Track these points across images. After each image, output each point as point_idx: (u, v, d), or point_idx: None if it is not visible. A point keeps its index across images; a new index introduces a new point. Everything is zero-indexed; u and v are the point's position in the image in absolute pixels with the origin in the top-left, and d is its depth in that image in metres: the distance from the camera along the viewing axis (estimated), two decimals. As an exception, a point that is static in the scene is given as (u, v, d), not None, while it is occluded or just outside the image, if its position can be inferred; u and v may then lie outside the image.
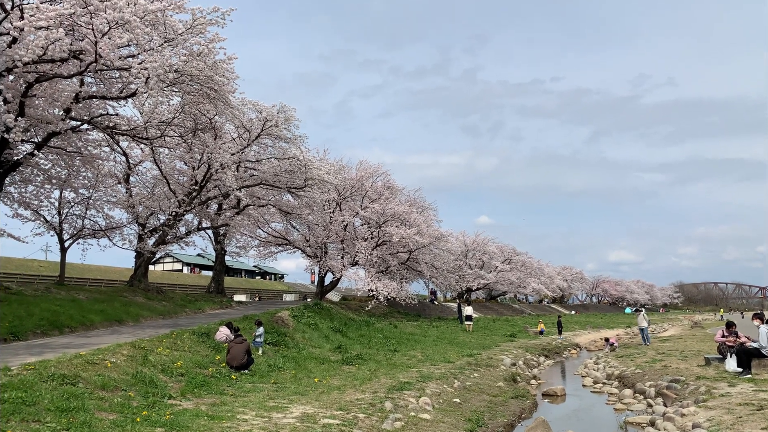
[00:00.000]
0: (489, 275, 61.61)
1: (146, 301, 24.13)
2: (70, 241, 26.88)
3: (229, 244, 36.41)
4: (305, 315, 24.72)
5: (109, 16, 15.08)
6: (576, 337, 41.86)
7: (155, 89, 16.75)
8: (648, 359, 20.86)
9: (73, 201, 26.05)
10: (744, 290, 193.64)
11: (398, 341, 25.40)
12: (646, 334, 28.95)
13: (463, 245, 61.07)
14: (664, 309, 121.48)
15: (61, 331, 16.12)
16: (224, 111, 21.86)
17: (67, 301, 19.55)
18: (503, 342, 30.94)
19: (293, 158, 27.79)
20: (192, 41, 17.29)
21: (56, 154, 21.73)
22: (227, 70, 19.38)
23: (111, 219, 27.61)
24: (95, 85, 19.86)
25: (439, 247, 43.42)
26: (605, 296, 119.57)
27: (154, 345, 13.63)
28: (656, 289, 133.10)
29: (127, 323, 19.28)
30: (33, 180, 22.32)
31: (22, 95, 17.07)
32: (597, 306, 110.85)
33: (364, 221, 39.73)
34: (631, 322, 58.62)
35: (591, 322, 59.55)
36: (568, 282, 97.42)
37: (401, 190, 43.46)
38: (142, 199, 27.36)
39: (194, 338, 15.75)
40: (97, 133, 21.97)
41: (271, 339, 18.59)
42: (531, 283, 69.73)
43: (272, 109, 26.37)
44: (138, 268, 28.03)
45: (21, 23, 14.57)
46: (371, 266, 37.92)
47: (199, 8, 17.03)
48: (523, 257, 72.33)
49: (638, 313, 29.98)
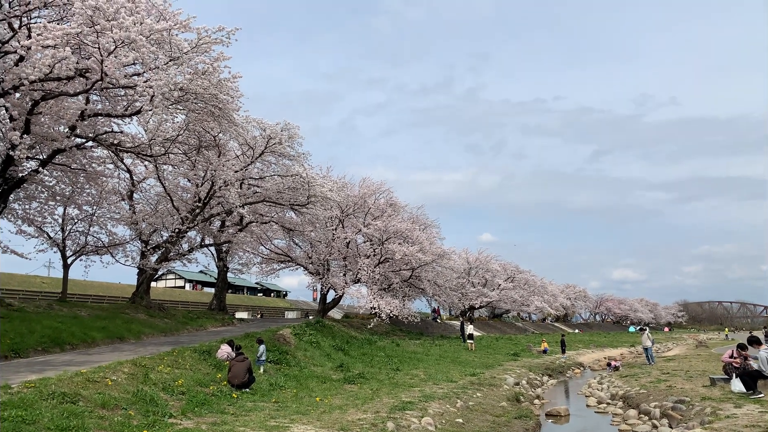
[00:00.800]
0: (492, 293, 61.32)
1: (148, 318, 24.07)
2: (73, 257, 26.92)
3: (232, 260, 36.40)
4: (307, 333, 24.61)
5: (115, 35, 15.24)
6: (580, 357, 41.54)
7: (160, 107, 16.86)
8: (652, 379, 20.67)
9: (76, 217, 26.14)
10: (749, 309, 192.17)
11: (400, 360, 25.23)
12: (651, 354, 28.72)
13: (466, 263, 60.92)
14: (669, 328, 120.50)
15: (62, 349, 16.07)
16: (228, 129, 21.99)
17: (68, 317, 19.51)
18: (506, 361, 30.71)
19: (296, 175, 27.87)
20: (197, 60, 17.45)
21: (61, 170, 21.83)
22: (232, 89, 19.51)
23: (114, 236, 27.68)
24: (100, 103, 20.04)
25: (441, 265, 43.28)
26: (609, 315, 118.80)
27: (155, 363, 13.57)
28: (660, 308, 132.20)
29: (129, 340, 19.21)
30: (37, 196, 22.42)
31: (28, 113, 17.20)
32: (601, 325, 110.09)
33: (367, 238, 39.69)
34: (635, 341, 58.17)
35: (595, 341, 59.12)
36: (572, 300, 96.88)
37: (404, 207, 43.48)
38: (146, 216, 27.41)
39: (195, 356, 15.67)
40: (101, 150, 22.10)
41: (273, 357, 18.50)
42: (534, 302, 69.34)
43: (276, 126, 26.52)
44: (140, 284, 28.00)
45: (28, 42, 14.74)
46: (373, 284, 37.81)
47: (204, 27, 17.21)
48: (527, 275, 72.03)
49: (642, 332, 29.78)
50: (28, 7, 16.31)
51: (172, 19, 16.86)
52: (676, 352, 43.06)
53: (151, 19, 16.63)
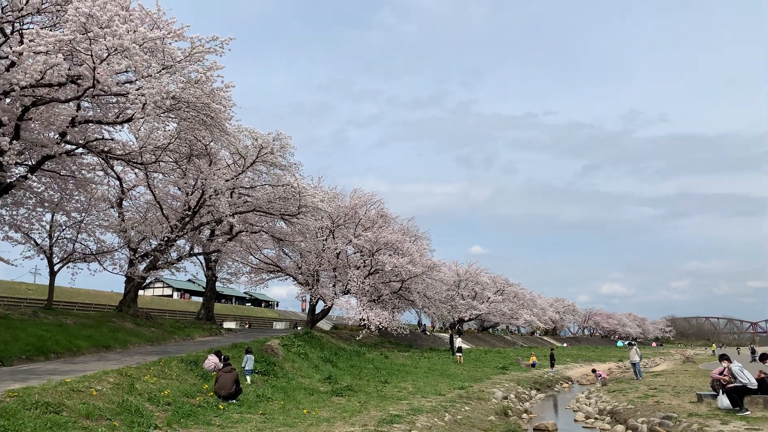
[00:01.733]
0: (481, 306, 61.38)
1: (135, 327, 23.84)
2: (60, 264, 26.66)
3: (221, 270, 36.21)
4: (295, 344, 24.46)
5: (108, 43, 15.22)
6: (568, 371, 41.54)
7: (152, 115, 16.82)
8: (640, 394, 20.71)
9: (64, 224, 25.92)
10: (735, 325, 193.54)
11: (389, 372, 25.12)
12: (638, 369, 28.80)
13: (456, 275, 61.01)
14: (657, 343, 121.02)
15: (47, 357, 15.87)
16: (220, 138, 21.95)
17: (54, 325, 19.29)
18: (495, 374, 30.66)
19: (287, 185, 27.85)
20: (190, 69, 17.44)
21: (49, 177, 21.66)
22: (224, 98, 19.52)
23: (102, 243, 27.45)
24: (92, 110, 19.94)
25: (431, 277, 43.34)
26: (597, 329, 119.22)
27: (141, 373, 13.42)
28: (648, 323, 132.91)
29: (115, 349, 19.01)
30: (25, 203, 22.19)
31: (18, 118, 17.10)
32: (589, 339, 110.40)
33: (357, 249, 39.65)
34: (623, 356, 58.34)
35: (583, 355, 59.21)
36: (561, 314, 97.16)
37: (395, 218, 43.57)
38: (135, 224, 27.24)
39: (182, 366, 15.52)
40: (91, 157, 21.99)
41: (260, 368, 18.35)
42: (523, 315, 69.45)
43: (268, 136, 26.52)
44: (128, 293, 27.76)
45: (20, 48, 14.66)
46: (363, 295, 37.74)
47: (198, 36, 17.22)
48: (516, 288, 72.20)
49: (631, 347, 29.86)
50: (21, 13, 16.27)
51: (165, 27, 16.88)
52: (663, 368, 43.21)
53: (144, 27, 16.65)
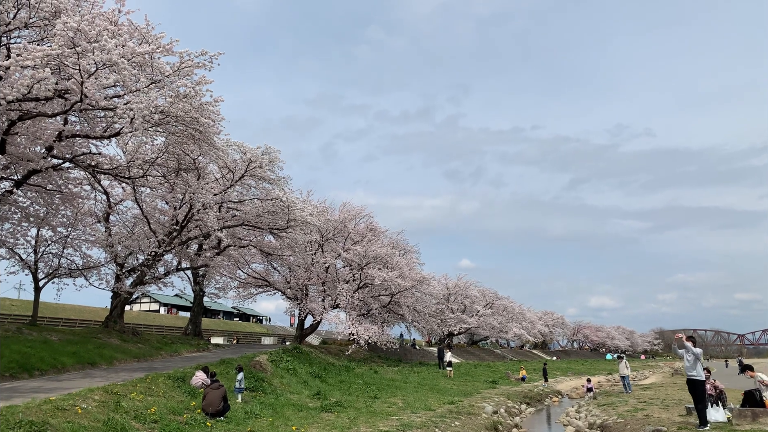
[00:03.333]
0: (471, 319, 61.30)
1: (121, 343, 23.55)
2: (45, 280, 26.33)
3: (208, 285, 35.91)
4: (284, 359, 24.26)
5: (96, 57, 15.18)
6: (558, 384, 41.51)
7: (140, 129, 16.77)
8: (630, 408, 20.72)
9: (50, 239, 25.63)
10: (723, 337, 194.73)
11: (379, 387, 24.96)
12: (628, 382, 28.83)
13: (445, 288, 60.95)
14: (645, 356, 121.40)
15: (30, 374, 15.62)
16: (208, 152, 21.89)
17: (38, 342, 19.00)
18: (485, 389, 30.57)
19: (276, 199, 27.76)
20: (179, 83, 17.39)
21: (35, 191, 21.47)
22: (213, 112, 19.47)
23: (88, 258, 27.16)
24: (79, 124, 19.82)
25: (421, 291, 43.26)
26: (586, 342, 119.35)
27: (127, 390, 13.23)
28: (637, 336, 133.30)
29: (101, 366, 18.75)
30: (10, 217, 21.94)
31: (4, 133, 16.97)
32: (578, 352, 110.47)
33: (346, 263, 39.55)
34: (612, 369, 58.44)
35: (572, 369, 59.23)
36: (550, 327, 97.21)
37: (384, 232, 43.52)
38: (122, 239, 27.00)
39: (169, 383, 15.33)
40: (78, 171, 21.81)
41: (249, 384, 18.16)
42: (513, 328, 69.43)
43: (257, 150, 26.46)
44: (114, 308, 27.45)
45: (7, 62, 14.58)
46: (352, 309, 37.58)
47: (186, 51, 17.21)
48: (505, 302, 72.24)
49: (620, 360, 29.91)
50: (8, 28, 16.23)
51: (154, 42, 16.86)
52: (652, 381, 43.31)
53: (133, 41, 16.62)
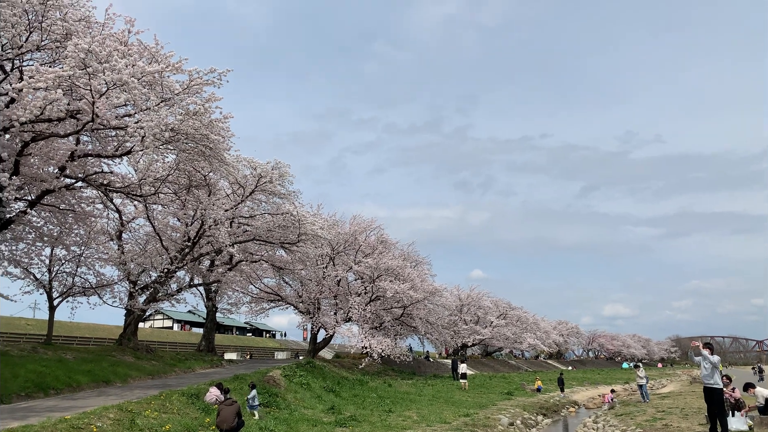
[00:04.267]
0: (484, 330, 60.90)
1: (135, 360, 23.61)
2: (60, 298, 26.49)
3: (221, 300, 36.01)
4: (297, 374, 24.20)
5: (107, 78, 15.38)
6: (574, 394, 41.03)
7: (151, 147, 16.90)
8: (648, 417, 20.40)
9: (64, 258, 25.82)
10: (741, 344, 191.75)
11: (393, 401, 24.80)
12: (645, 391, 28.42)
13: (458, 300, 60.64)
14: (662, 364, 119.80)
15: (46, 393, 15.68)
16: (219, 168, 22.03)
17: (53, 361, 19.09)
18: (500, 400, 30.28)
19: (287, 213, 27.86)
20: (188, 101, 17.55)
21: (49, 211, 21.68)
22: (223, 129, 19.63)
23: (102, 276, 27.35)
24: (91, 144, 20.07)
25: (433, 302, 43.07)
26: (602, 351, 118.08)
27: (142, 407, 13.24)
28: (653, 344, 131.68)
29: (115, 384, 18.79)
30: (24, 237, 22.15)
31: (18, 154, 17.18)
32: (594, 361, 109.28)
33: (358, 276, 39.51)
34: (629, 378, 57.69)
35: (588, 378, 58.57)
36: (564, 337, 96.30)
37: (395, 244, 43.47)
38: (134, 256, 27.16)
39: (183, 400, 15.33)
40: (90, 190, 22.00)
41: (262, 400, 18.12)
42: (527, 339, 68.85)
43: (267, 165, 26.61)
44: (127, 326, 27.56)
45: (20, 84, 14.80)
46: (365, 322, 37.46)
47: (195, 69, 17.40)
48: (519, 312, 71.72)
49: (637, 368, 29.52)
50: (21, 50, 16.49)
51: (164, 61, 17.06)
52: (670, 389, 42.70)
53: (143, 61, 16.83)
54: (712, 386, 13.40)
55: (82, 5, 17.75)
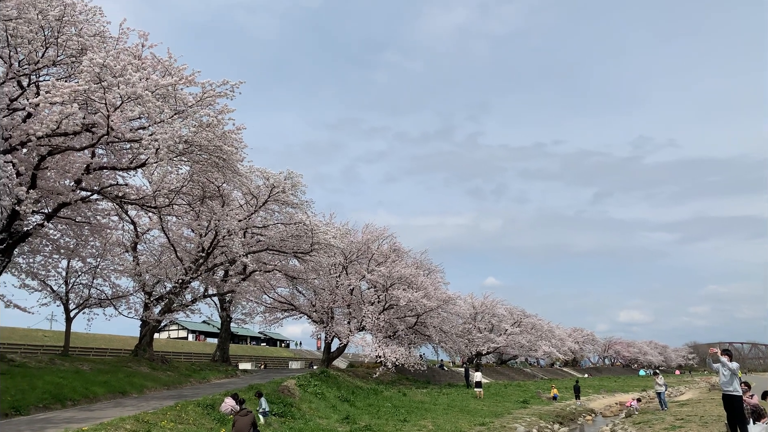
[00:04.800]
0: (499, 338, 60.53)
1: (151, 371, 23.73)
2: (76, 310, 26.74)
3: (235, 310, 36.14)
4: (312, 384, 24.20)
5: (122, 91, 15.58)
6: (590, 402, 40.59)
7: (165, 159, 17.07)
8: (667, 426, 20.13)
9: (80, 270, 26.08)
10: (760, 350, 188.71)
11: (408, 410, 24.69)
12: (664, 399, 28.05)
13: (472, 308, 60.37)
14: (680, 371, 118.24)
15: (63, 405, 15.79)
16: (232, 179, 22.18)
17: (70, 372, 19.24)
18: (516, 409, 30.03)
19: (300, 223, 27.95)
20: (202, 113, 17.71)
21: (65, 224, 21.94)
22: (236, 140, 19.78)
23: (117, 288, 27.58)
24: (106, 156, 20.32)
25: (447, 311, 42.92)
26: (618, 358, 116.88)
27: (158, 418, 13.29)
28: (670, 350, 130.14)
29: (131, 395, 18.89)
30: (41, 250, 22.43)
31: (35, 168, 17.43)
32: (610, 368, 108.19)
33: (371, 285, 39.49)
34: (646, 385, 57.00)
35: (605, 386, 57.92)
36: (580, 344, 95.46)
37: (407, 252, 43.44)
38: (149, 267, 27.38)
39: (199, 410, 15.37)
40: (106, 202, 22.26)
41: (277, 410, 18.12)
42: (542, 346, 68.33)
43: (279, 175, 26.75)
44: (143, 336, 27.74)
45: (37, 99, 15.04)
46: (378, 331, 37.40)
47: (209, 81, 17.58)
48: (533, 319, 71.21)
49: (656, 375, 29.18)
50: (37, 66, 16.76)
51: (177, 74, 17.25)
52: (689, 396, 42.07)
53: (156, 74, 17.03)
54: (732, 393, 13.19)
55: (97, 20, 18.00)
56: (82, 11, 17.39)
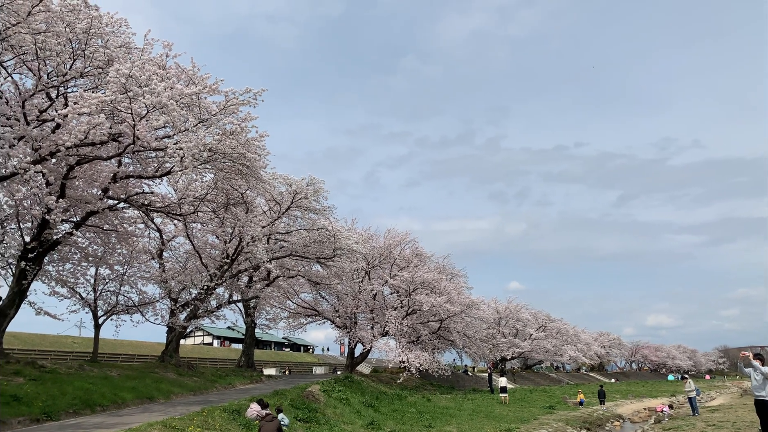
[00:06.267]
0: (524, 343, 59.94)
1: (177, 377, 23.98)
2: (104, 317, 27.18)
3: (259, 316, 36.40)
4: (336, 389, 24.21)
5: (147, 101, 15.83)
6: (618, 408, 39.93)
7: (189, 167, 17.29)
8: None
9: (108, 277, 26.53)
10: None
11: (432, 416, 24.56)
12: (695, 404, 27.49)
13: (496, 312, 59.91)
14: (710, 375, 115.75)
15: (93, 410, 16.03)
16: (256, 186, 22.36)
17: (99, 378, 19.53)
18: (542, 414, 29.67)
19: (322, 229, 28.06)
20: (225, 121, 17.92)
21: (93, 232, 22.34)
22: (259, 147, 19.95)
23: (144, 294, 27.98)
24: (132, 165, 20.67)
25: (470, 315, 42.66)
26: (645, 363, 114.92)
27: (185, 424, 13.41)
28: (699, 355, 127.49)
29: (159, 400, 19.10)
30: (70, 258, 22.87)
31: (64, 177, 17.80)
32: (637, 373, 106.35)
33: (394, 290, 39.44)
34: (675, 390, 55.91)
35: (633, 391, 56.95)
36: (606, 349, 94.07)
37: (430, 257, 43.29)
38: (175, 274, 27.71)
39: (225, 416, 15.47)
40: (132, 210, 22.62)
41: (302, 415, 18.16)
42: (568, 351, 67.45)
43: (302, 182, 26.91)
44: (169, 343, 28.06)
45: (65, 110, 15.36)
46: (402, 336, 37.32)
47: (231, 90, 17.77)
48: (558, 324, 70.41)
49: (685, 380, 28.62)
50: (65, 78, 17.12)
51: (200, 83, 17.48)
52: (720, 402, 41.15)
53: (181, 83, 17.29)
54: (764, 399, 12.86)
55: (123, 32, 18.34)
56: (108, 23, 17.73)
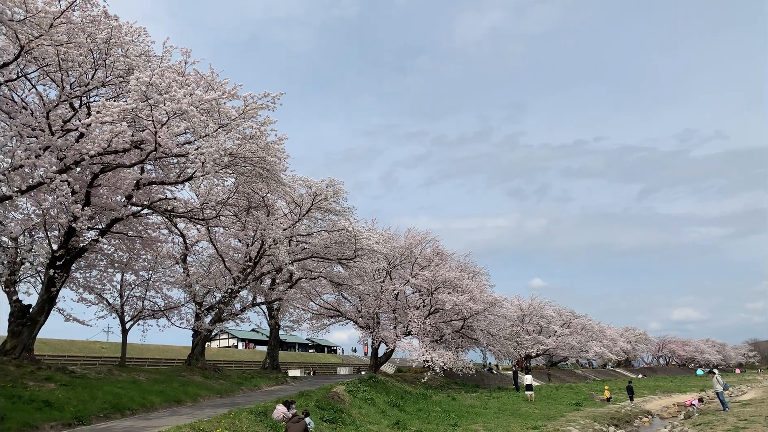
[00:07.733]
0: (548, 340, 59.45)
1: (204, 380, 24.24)
2: (131, 322, 27.58)
3: (283, 318, 36.62)
4: (361, 389, 24.27)
5: (168, 108, 16.02)
6: (646, 404, 39.41)
7: (211, 172, 17.44)
8: (729, 427, 19.39)
9: (133, 283, 26.92)
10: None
11: (458, 415, 24.49)
12: (723, 399, 27.00)
13: (519, 310, 59.55)
14: (740, 369, 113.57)
15: (122, 414, 16.28)
16: (276, 189, 22.50)
17: (128, 382, 19.83)
18: (569, 411, 29.40)
19: (343, 230, 28.15)
20: (245, 125, 18.07)
21: (118, 238, 22.68)
22: (278, 150, 20.06)
23: (169, 299, 28.33)
24: (154, 172, 20.95)
25: (493, 313, 42.44)
26: (673, 357, 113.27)
27: (212, 426, 13.55)
28: (728, 348, 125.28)
29: (186, 403, 19.33)
30: (97, 265, 23.26)
31: (88, 185, 18.10)
32: (665, 368, 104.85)
33: (415, 289, 39.40)
34: (705, 385, 54.98)
35: (661, 386, 56.16)
36: (632, 344, 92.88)
37: (451, 255, 43.18)
38: (199, 278, 28.02)
39: (252, 417, 15.60)
40: (156, 216, 22.92)
41: (328, 416, 18.24)
42: (593, 347, 66.75)
43: (321, 183, 27.02)
44: (195, 346, 28.38)
45: (88, 120, 15.62)
46: (425, 335, 37.26)
47: (250, 94, 17.90)
48: (583, 320, 69.72)
49: (713, 375, 28.14)
50: (88, 87, 17.41)
51: (219, 88, 17.65)
52: (751, 396, 40.36)
53: (200, 90, 17.47)
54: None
55: (142, 41, 18.59)
56: (128, 33, 17.98)
